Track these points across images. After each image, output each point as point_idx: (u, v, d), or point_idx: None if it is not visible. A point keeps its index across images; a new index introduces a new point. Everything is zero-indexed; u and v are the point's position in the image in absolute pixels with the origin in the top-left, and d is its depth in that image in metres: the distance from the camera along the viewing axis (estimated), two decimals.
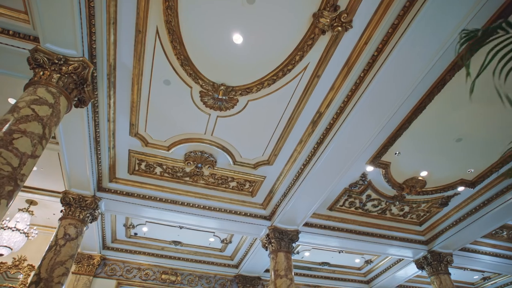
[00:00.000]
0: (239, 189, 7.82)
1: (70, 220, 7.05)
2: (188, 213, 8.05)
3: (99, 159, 6.75)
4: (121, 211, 8.13)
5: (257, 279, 10.86)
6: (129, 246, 10.33)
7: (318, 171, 6.68)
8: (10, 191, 3.44)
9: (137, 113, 5.99)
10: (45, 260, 6.40)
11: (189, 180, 7.60)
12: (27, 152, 3.70)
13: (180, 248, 10.42)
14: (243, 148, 6.71)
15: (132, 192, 7.68)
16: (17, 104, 4.00)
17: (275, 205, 8.04)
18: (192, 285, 10.46)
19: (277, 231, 8.16)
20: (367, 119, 5.60)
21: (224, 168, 7.23)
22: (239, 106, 5.85)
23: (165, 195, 7.78)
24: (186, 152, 6.84)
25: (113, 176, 7.47)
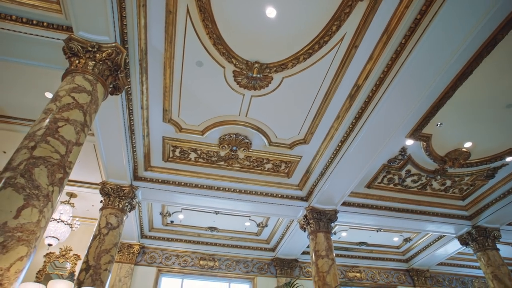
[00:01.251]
0: (275, 170, 7.70)
1: (111, 210, 7.15)
2: (223, 198, 8.02)
3: (134, 147, 6.77)
4: (157, 199, 8.20)
5: (294, 262, 10.82)
6: (166, 234, 10.48)
7: (356, 148, 6.47)
8: (61, 178, 3.44)
9: (170, 98, 5.93)
10: (91, 249, 6.53)
11: (224, 164, 7.54)
12: (72, 140, 3.69)
13: (216, 234, 10.48)
14: (278, 128, 6.55)
15: (168, 179, 7.70)
16: (58, 93, 3.99)
17: (312, 185, 7.88)
18: (230, 270, 10.54)
19: (315, 212, 8.03)
20: (409, 89, 5.32)
21: (259, 150, 7.11)
22: (274, 84, 5.68)
23: (200, 181, 7.77)
24: (221, 135, 6.75)
25: (148, 164, 7.50)
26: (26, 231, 2.91)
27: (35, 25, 4.73)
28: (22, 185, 3.05)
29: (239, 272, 10.58)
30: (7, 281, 2.67)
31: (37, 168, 3.22)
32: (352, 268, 11.47)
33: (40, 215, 3.08)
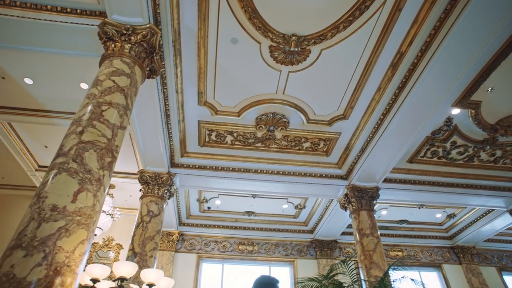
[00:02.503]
0: (313, 149, 7.48)
1: (151, 198, 7.18)
2: (261, 181, 7.90)
3: (170, 133, 6.72)
4: (194, 185, 8.19)
5: (333, 243, 10.65)
6: (203, 221, 10.53)
7: (399, 120, 6.15)
8: (110, 162, 3.38)
9: (205, 79, 5.78)
10: (135, 236, 6.59)
11: (261, 146, 7.39)
12: (116, 123, 3.62)
13: (254, 218, 10.42)
14: (316, 104, 6.31)
15: (204, 164, 7.64)
16: (98, 78, 3.92)
17: (352, 162, 7.62)
18: (269, 253, 10.50)
19: (356, 190, 7.78)
20: (458, 52, 4.93)
21: (297, 128, 6.90)
22: (312, 57, 5.42)
23: (237, 164, 7.67)
24: (257, 115, 6.58)
25: (184, 150, 7.45)
26: (84, 215, 2.86)
27: (69, 13, 4.67)
28: (75, 170, 3.00)
29: (279, 255, 10.52)
30: (73, 263, 2.64)
31: (87, 153, 3.17)
32: (393, 247, 11.18)
33: (94, 199, 3.03)
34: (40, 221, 2.64)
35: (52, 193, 2.81)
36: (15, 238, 2.59)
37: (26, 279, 2.37)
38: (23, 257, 2.45)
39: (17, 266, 2.40)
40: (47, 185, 2.88)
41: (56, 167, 3.00)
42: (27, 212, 2.77)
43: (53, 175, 2.94)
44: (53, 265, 2.51)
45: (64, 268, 2.56)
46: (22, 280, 2.35)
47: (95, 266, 3.14)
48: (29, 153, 8.51)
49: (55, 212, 2.71)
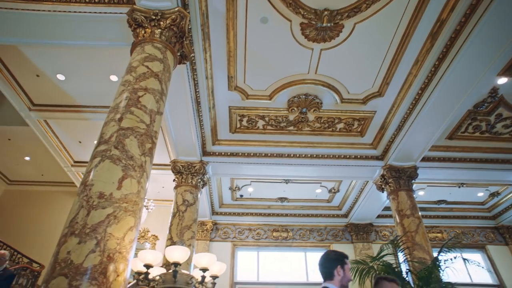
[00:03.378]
0: (347, 130, 7.24)
1: (185, 187, 7.18)
2: (294, 165, 7.75)
3: (201, 121, 6.65)
4: (227, 173, 8.15)
5: (369, 226, 10.42)
6: (236, 209, 10.52)
7: (439, 94, 5.82)
8: (150, 148, 3.33)
9: (235, 63, 5.65)
10: (172, 226, 6.62)
11: (294, 129, 7.22)
12: (153, 109, 3.55)
13: (287, 204, 10.31)
14: (350, 82, 6.06)
15: (236, 151, 7.56)
16: (132, 64, 3.86)
17: (388, 142, 7.33)
18: (304, 239, 10.39)
19: (393, 170, 7.51)
20: (509, 14, 4.55)
21: (330, 109, 6.68)
22: (345, 33, 5.17)
23: (270, 149, 7.54)
24: (289, 98, 6.41)
25: (215, 138, 7.39)
26: (130, 202, 2.82)
27: (97, 3, 4.64)
28: (118, 157, 2.96)
29: (314, 240, 10.40)
30: (124, 249, 2.60)
31: (128, 139, 3.12)
32: (432, 228, 10.81)
33: (138, 185, 2.98)
34: (89, 208, 2.62)
35: (98, 181, 2.78)
36: (68, 226, 2.57)
37: (83, 265, 2.35)
38: (77, 244, 2.43)
39: (73, 253, 2.39)
40: (92, 173, 2.85)
41: (99, 155, 2.97)
42: (75, 200, 2.76)
43: (97, 163, 2.91)
44: (106, 251, 2.48)
45: (116, 255, 2.53)
46: (79, 266, 2.34)
47: (148, 252, 3.11)
48: (65, 149, 8.70)
49: (102, 200, 2.68)
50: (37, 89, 6.86)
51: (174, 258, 3.03)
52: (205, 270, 3.06)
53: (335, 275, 2.08)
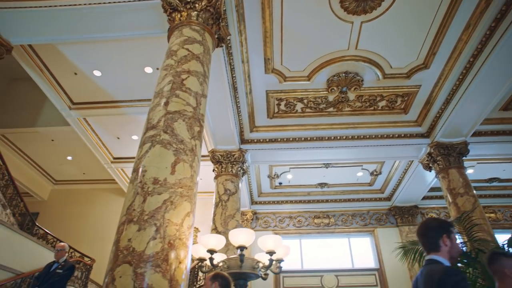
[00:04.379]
0: (390, 108, 6.88)
1: (226, 176, 7.09)
2: (334, 148, 7.47)
3: (239, 108, 6.51)
4: (265, 160, 7.99)
5: (414, 208, 9.98)
6: (275, 197, 10.38)
7: (493, 61, 5.35)
8: (199, 132, 3.20)
9: (271, 44, 5.44)
10: (216, 216, 6.56)
11: (333, 111, 6.94)
12: (198, 91, 3.42)
13: (327, 189, 10.06)
14: (393, 55, 5.70)
15: (274, 137, 7.39)
16: (171, 48, 3.74)
17: (434, 117, 6.90)
18: (347, 224, 10.12)
19: (441, 147, 7.07)
20: None
21: (371, 86, 6.35)
22: (387, 2, 4.83)
23: (309, 133, 7.31)
24: (328, 77, 6.14)
25: (253, 125, 7.24)
26: (185, 187, 2.71)
27: None
28: (168, 141, 2.85)
29: (357, 225, 10.11)
30: (184, 236, 2.50)
31: (176, 123, 3.00)
32: (484, 209, 10.17)
33: (191, 170, 2.87)
34: (144, 195, 2.52)
35: (150, 167, 2.68)
36: (125, 214, 2.50)
37: (145, 252, 2.26)
38: (137, 231, 2.35)
39: (134, 240, 2.31)
40: (143, 159, 2.76)
41: (149, 140, 2.87)
42: (130, 187, 2.68)
43: (147, 148, 2.82)
44: (166, 238, 2.38)
45: (176, 241, 2.43)
46: (142, 254, 2.25)
47: (211, 237, 3.01)
48: (104, 146, 8.86)
49: (157, 185, 2.58)
50: (75, 87, 6.97)
51: (239, 241, 2.91)
52: (271, 253, 2.91)
53: (441, 245, 1.80)
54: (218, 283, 2.20)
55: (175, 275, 2.33)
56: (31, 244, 6.98)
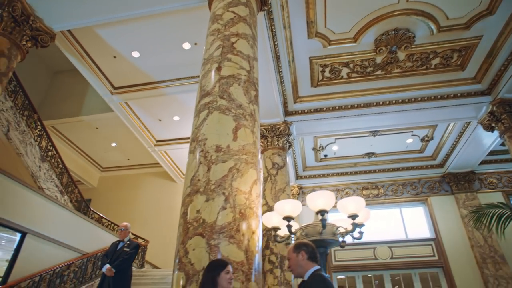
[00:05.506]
0: (444, 65, 6.31)
1: (272, 150, 6.90)
2: (383, 113, 7.03)
3: (282, 78, 6.23)
4: (311, 131, 7.70)
5: (471, 174, 9.35)
6: (320, 171, 10.10)
7: None
8: (255, 96, 3.00)
9: (314, 4, 5.06)
10: (266, 191, 6.41)
11: (381, 74, 6.49)
12: (250, 54, 3.19)
13: (374, 159, 9.63)
14: (450, 4, 5.14)
15: (319, 107, 7.05)
16: (216, 13, 3.51)
17: (497, 72, 6.25)
18: (397, 194, 9.70)
19: (506, 104, 6.44)
20: None
21: (424, 43, 5.82)
22: None
23: (356, 100, 6.91)
24: (376, 37, 5.68)
25: (297, 95, 6.93)
26: (249, 153, 2.52)
27: None
28: (226, 106, 2.66)
29: (408, 195, 9.66)
30: (253, 204, 2.34)
31: (232, 87, 2.80)
32: None
33: (253, 135, 2.68)
34: (208, 164, 2.37)
35: (210, 134, 2.51)
36: (189, 185, 2.36)
37: (217, 223, 2.12)
38: (205, 202, 2.20)
39: (203, 211, 2.17)
40: (202, 127, 2.59)
41: (205, 107, 2.70)
42: (190, 158, 2.53)
43: (205, 116, 2.65)
44: (237, 207, 2.23)
45: (247, 211, 2.27)
46: (213, 225, 2.11)
47: (285, 202, 2.85)
48: (147, 129, 8.92)
49: (220, 153, 2.41)
50: (115, 71, 6.96)
51: (319, 205, 2.73)
52: (354, 217, 2.70)
53: None
54: (305, 252, 2.02)
55: (250, 246, 2.18)
56: (92, 226, 7.24)
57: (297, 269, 2.05)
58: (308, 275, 1.98)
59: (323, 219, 2.70)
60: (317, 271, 1.98)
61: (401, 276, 8.75)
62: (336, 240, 2.83)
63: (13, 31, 4.78)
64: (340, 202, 2.88)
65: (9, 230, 5.37)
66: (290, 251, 2.12)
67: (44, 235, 5.80)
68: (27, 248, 5.43)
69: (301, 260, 2.03)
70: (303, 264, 2.02)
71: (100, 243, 7.19)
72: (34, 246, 5.57)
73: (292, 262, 2.09)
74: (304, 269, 2.01)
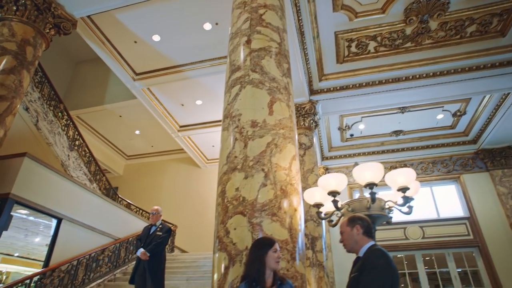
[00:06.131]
0: (482, 32, 5.91)
1: (299, 130, 6.73)
2: (413, 88, 6.72)
3: (306, 55, 6.00)
4: (337, 110, 7.48)
5: (507, 149, 8.88)
6: (346, 151, 9.87)
7: None
8: (288, 69, 2.84)
9: None
10: None
11: (411, 46, 6.15)
12: (279, 26, 3.02)
13: (402, 137, 9.31)
14: None
15: (346, 84, 6.80)
16: None
17: None
18: (427, 173, 9.38)
19: None
20: None
21: (459, 9, 5.45)
22: None
23: (384, 75, 6.61)
24: (406, 6, 5.36)
25: (322, 73, 6.70)
26: (286, 128, 2.39)
27: None
28: (259, 80, 2.53)
29: (439, 173, 9.33)
30: (294, 181, 2.23)
31: (264, 60, 2.66)
32: None
33: (289, 110, 2.54)
34: (245, 140, 2.25)
35: (245, 109, 2.39)
36: (225, 162, 2.26)
37: (257, 200, 2.01)
38: (244, 179, 2.10)
39: (242, 189, 2.07)
40: (235, 103, 2.47)
41: (237, 82, 2.58)
42: (224, 135, 2.42)
43: (237, 91, 2.52)
44: (277, 184, 2.11)
45: (288, 187, 2.16)
46: (254, 202, 2.01)
47: (329, 177, 2.73)
48: (170, 115, 8.90)
49: (256, 128, 2.29)
50: (137, 56, 6.91)
51: (367, 178, 2.60)
52: (404, 190, 2.55)
53: None
54: (360, 226, 1.88)
55: (293, 224, 2.07)
56: (122, 212, 7.35)
57: (350, 244, 1.90)
58: (363, 251, 1.84)
59: (372, 192, 2.55)
60: (374, 246, 1.84)
61: (434, 256, 8.52)
62: (385, 215, 2.69)
63: (36, 19, 4.75)
64: (389, 174, 2.73)
65: (46, 216, 5.50)
66: (343, 224, 1.96)
67: (78, 221, 5.92)
68: (63, 234, 5.56)
69: (356, 235, 1.88)
70: (358, 239, 1.87)
71: (131, 229, 7.30)
72: (69, 231, 5.69)
73: (346, 236, 1.93)
74: (359, 244, 1.87)
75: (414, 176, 2.61)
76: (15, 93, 4.37)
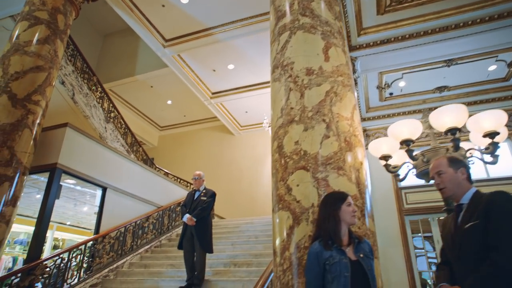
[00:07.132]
0: None
1: None
2: (463, 37, 6.15)
3: (345, 7, 5.56)
4: (378, 66, 7.03)
5: None
6: (385, 111, 9.40)
7: None
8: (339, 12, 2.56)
9: None
10: None
11: None
12: None
13: (446, 94, 8.70)
14: None
15: (387, 37, 6.30)
16: None
17: None
18: None
19: None
20: None
21: None
22: None
23: (430, 25, 6.04)
24: None
25: (361, 27, 6.23)
26: (344, 75, 2.16)
27: None
28: (311, 24, 2.27)
29: None
30: (357, 132, 2.02)
31: (314, 3, 2.38)
32: None
33: (345, 56, 2.29)
34: (301, 89, 2.05)
35: (298, 56, 2.16)
36: (280, 115, 2.07)
37: (321, 154, 1.82)
38: (304, 132, 1.91)
39: (303, 142, 1.88)
40: (285, 51, 2.24)
41: (286, 29, 2.33)
42: (276, 86, 2.22)
43: (287, 37, 2.29)
44: (341, 135, 1.91)
45: (352, 138, 1.95)
46: (316, 156, 1.83)
47: (401, 124, 2.51)
48: (201, 82, 8.74)
49: (312, 76, 2.07)
50: (165, 21, 6.70)
51: (448, 123, 2.35)
52: (493, 135, 2.27)
53: None
54: (465, 169, 1.61)
55: (360, 178, 1.88)
56: (162, 180, 7.44)
57: (453, 188, 1.61)
58: (468, 197, 1.58)
59: (456, 138, 2.30)
60: (480, 193, 1.59)
61: None
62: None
63: None
64: (474, 118, 2.44)
65: (91, 185, 5.63)
66: (443, 165, 1.64)
67: (122, 190, 6.03)
68: (109, 202, 5.68)
69: (462, 179, 1.60)
70: (464, 183, 1.60)
71: (172, 196, 7.39)
72: (114, 200, 5.81)
73: (447, 178, 1.62)
74: (463, 189, 1.59)
75: (505, 119, 2.31)
76: (52, 63, 4.32)
